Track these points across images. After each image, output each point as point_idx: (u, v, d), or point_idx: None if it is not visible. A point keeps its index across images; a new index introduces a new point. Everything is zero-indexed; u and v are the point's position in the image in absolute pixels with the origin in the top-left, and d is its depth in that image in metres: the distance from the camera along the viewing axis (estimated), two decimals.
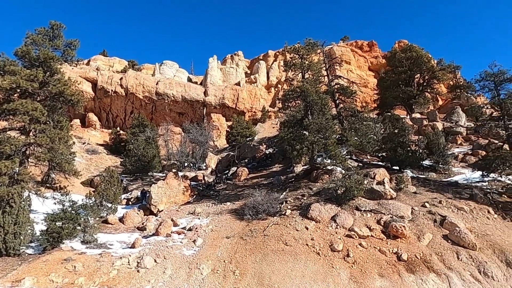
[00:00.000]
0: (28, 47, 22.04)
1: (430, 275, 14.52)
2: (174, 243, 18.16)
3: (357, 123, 28.96)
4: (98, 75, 54.35)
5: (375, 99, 53.50)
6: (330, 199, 20.41)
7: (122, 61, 69.00)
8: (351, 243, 16.75)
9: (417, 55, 45.85)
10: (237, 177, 29.74)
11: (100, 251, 17.60)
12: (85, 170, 33.47)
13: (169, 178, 26.16)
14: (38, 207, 21.78)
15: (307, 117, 24.95)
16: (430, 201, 20.12)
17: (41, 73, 21.52)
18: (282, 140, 25.41)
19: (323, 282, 14.57)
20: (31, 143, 21.26)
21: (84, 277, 15.07)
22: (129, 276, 15.34)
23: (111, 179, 25.81)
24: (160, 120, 51.03)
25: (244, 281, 15.01)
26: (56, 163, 22.58)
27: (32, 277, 14.85)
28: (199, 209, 23.15)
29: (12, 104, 20.18)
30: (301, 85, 25.24)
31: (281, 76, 61.27)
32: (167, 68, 63.16)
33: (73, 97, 23.13)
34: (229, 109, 54.84)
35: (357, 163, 27.31)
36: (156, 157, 34.60)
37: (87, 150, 42.16)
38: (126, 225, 22.04)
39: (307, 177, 25.47)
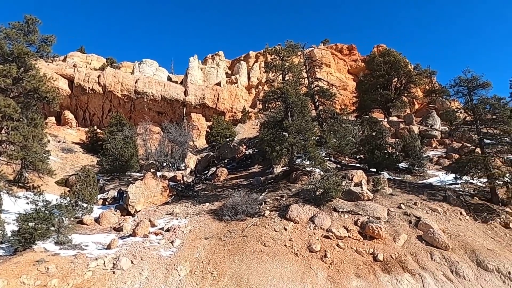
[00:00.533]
0: (1, 42, 21.34)
1: (404, 275, 14.84)
2: (151, 244, 17.92)
3: (336, 125, 29.37)
4: (75, 72, 53.10)
5: (354, 102, 54.38)
6: (308, 200, 20.59)
7: (100, 58, 67.61)
8: (329, 244, 16.94)
9: (395, 60, 46.89)
10: (217, 177, 29.62)
11: (74, 252, 17.17)
12: (60, 169, 32.63)
13: (147, 178, 25.79)
14: (10, 207, 21.07)
15: (287, 118, 25.10)
16: (406, 203, 20.58)
17: (15, 69, 20.86)
18: (262, 141, 25.47)
19: (301, 283, 14.68)
20: (3, 141, 20.58)
21: (57, 279, 14.66)
22: (105, 278, 15.02)
23: (87, 178, 25.22)
24: (139, 119, 50.28)
25: (222, 282, 14.96)
26: (30, 161, 21.94)
27: (2, 280, 14.33)
28: (177, 209, 22.93)
29: None
30: (281, 86, 25.37)
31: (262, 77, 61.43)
32: (146, 66, 62.28)
33: (48, 94, 22.53)
34: (209, 109, 54.57)
35: (335, 164, 27.67)
36: (134, 156, 34.03)
37: (63, 149, 41.10)
38: (102, 226, 21.58)
39: (286, 178, 25.61)
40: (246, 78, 63.95)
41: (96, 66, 62.29)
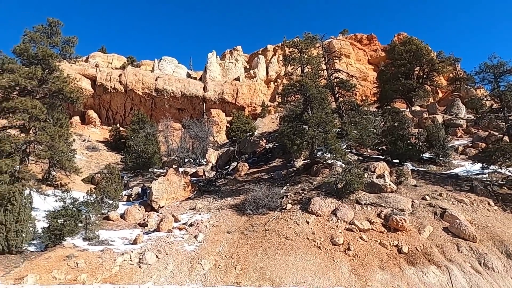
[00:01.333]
0: (26, 45, 21.98)
1: (430, 267, 14.59)
2: (175, 239, 18.23)
3: (357, 116, 28.95)
4: (97, 72, 54.22)
5: (375, 92, 53.42)
6: (330, 193, 20.46)
7: (121, 57, 68.77)
8: (352, 237, 16.82)
9: (416, 48, 45.71)
10: (238, 172, 29.78)
11: (102, 247, 17.68)
12: (86, 167, 33.51)
13: (170, 174, 26.19)
14: (40, 205, 21.84)
15: (307, 111, 24.93)
16: (431, 194, 20.16)
17: (40, 71, 21.47)
18: (282, 134, 25.41)
19: (324, 276, 14.65)
20: (31, 141, 21.28)
21: (86, 273, 15.15)
22: (131, 272, 15.42)
23: (111, 175, 25.83)
24: (159, 116, 50.95)
25: (246, 275, 15.09)
26: (57, 160, 22.61)
27: (35, 274, 14.92)
28: (200, 204, 23.21)
29: (11, 102, 20.17)
30: (300, 79, 25.19)
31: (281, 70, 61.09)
32: (166, 64, 62.96)
33: (72, 94, 23.10)
34: (229, 104, 54.75)
35: (357, 156, 27.34)
36: (157, 153, 34.60)
37: (88, 147, 42.17)
38: (127, 222, 22.11)
39: (308, 171, 25.50)
40: (265, 72, 63.75)
41: (117, 65, 63.40)
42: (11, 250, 17.02)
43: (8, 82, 20.11)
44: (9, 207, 17.36)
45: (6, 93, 21.40)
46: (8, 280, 14.81)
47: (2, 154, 19.42)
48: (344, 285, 14.11)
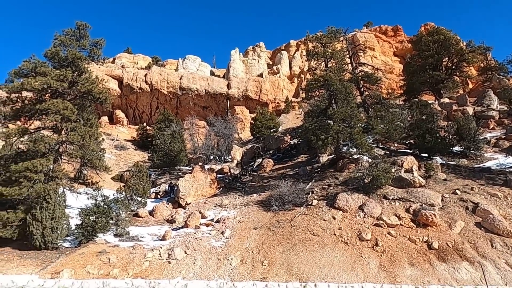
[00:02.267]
0: (57, 48, 22.75)
1: (462, 263, 14.21)
2: (203, 235, 18.52)
3: (383, 110, 28.38)
4: (123, 73, 55.49)
5: (401, 85, 52.12)
6: (357, 188, 20.21)
7: (146, 57, 70.08)
8: (380, 232, 16.59)
9: (444, 38, 44.22)
10: (263, 168, 29.86)
11: (132, 243, 18.18)
12: (115, 166, 34.45)
13: (196, 171, 26.57)
14: (73, 202, 22.65)
15: (331, 106, 24.68)
16: (462, 188, 19.57)
17: (70, 73, 22.22)
18: (306, 130, 25.26)
19: (352, 271, 14.53)
20: (64, 141, 22.07)
21: (118, 268, 15.64)
22: (161, 267, 15.79)
23: (139, 173, 26.47)
24: (185, 114, 51.67)
25: (273, 271, 15.17)
26: (88, 159, 23.41)
27: (70, 269, 15.53)
28: (226, 201, 23.45)
29: (44, 104, 20.97)
30: (324, 74, 24.95)
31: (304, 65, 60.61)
32: (190, 62, 63.70)
33: (100, 95, 23.79)
34: (253, 101, 54.86)
35: (384, 151, 26.85)
36: (182, 151, 35.16)
37: (116, 146, 43.32)
38: (156, 218, 22.61)
39: (333, 166, 25.28)
40: (288, 67, 63.43)
41: (142, 66, 64.66)
42: (47, 246, 17.77)
43: (40, 85, 20.89)
44: (44, 205, 18.12)
45: (39, 96, 22.28)
46: (46, 275, 15.49)
47: (37, 154, 20.24)
48: (372, 281, 13.95)
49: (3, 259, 17.22)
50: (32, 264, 16.59)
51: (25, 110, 22.38)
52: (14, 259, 17.20)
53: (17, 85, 21.72)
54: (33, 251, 17.68)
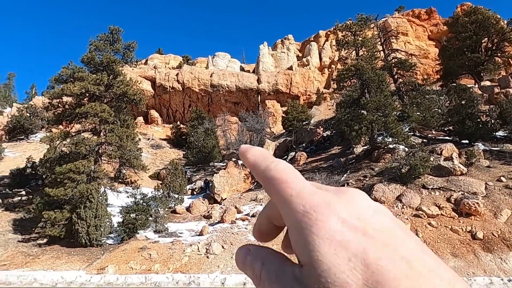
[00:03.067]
0: (92, 53, 23.65)
1: (510, 253, 13.56)
2: (239, 230, 18.74)
3: (419, 97, 27.40)
4: (156, 73, 56.80)
5: (438, 70, 50.06)
6: (393, 178, 19.70)
7: (177, 57, 71.33)
8: (420, 223, 16.12)
9: (483, 17, 41.92)
10: (296, 162, 29.72)
11: (171, 239, 18.70)
12: (152, 164, 35.42)
13: (230, 167, 26.87)
14: (114, 201, 23.54)
15: (364, 95, 24.14)
16: (507, 175, 18.59)
17: (106, 77, 23.07)
18: (339, 121, 24.87)
19: None
20: (103, 142, 22.99)
21: (159, 264, 16.15)
22: (200, 262, 16.16)
23: (175, 171, 27.11)
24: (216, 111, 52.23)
25: None
26: (126, 159, 24.26)
27: (114, 265, 16.22)
28: (260, 195, 23.58)
29: (83, 108, 21.93)
30: (355, 63, 24.43)
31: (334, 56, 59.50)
32: (219, 59, 64.24)
33: (135, 96, 24.54)
34: (283, 95, 54.59)
35: (421, 139, 25.96)
36: (216, 147, 35.64)
37: (152, 145, 44.54)
38: (193, 214, 23.11)
39: (368, 157, 24.76)
40: (318, 58, 62.54)
41: (173, 65, 65.89)
42: (92, 243, 18.64)
43: (79, 89, 21.84)
44: (88, 204, 18.99)
45: (78, 100, 23.30)
46: (92, 270, 16.25)
47: (78, 156, 21.20)
48: None
49: (53, 256, 18.25)
50: (79, 261, 17.47)
51: (66, 114, 23.51)
52: (63, 256, 18.17)
53: (58, 91, 22.85)
54: (79, 248, 18.61)
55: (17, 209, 23.86)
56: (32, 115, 44.24)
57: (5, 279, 15.83)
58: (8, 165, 31.25)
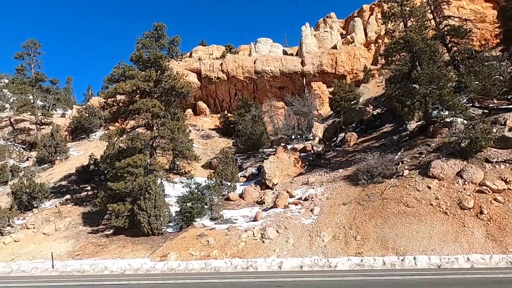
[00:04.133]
0: (140, 51, 24.55)
1: None
2: (292, 214, 18.83)
3: (477, 65, 25.44)
4: (200, 65, 57.81)
5: (497, 34, 46.03)
6: (452, 153, 18.64)
7: (219, 47, 71.97)
8: (484, 199, 15.20)
9: None
10: (346, 143, 29.08)
11: (227, 226, 19.24)
12: (203, 154, 36.36)
13: (279, 152, 26.91)
14: (170, 192, 24.57)
15: (415, 68, 22.87)
16: None
17: (154, 73, 23.90)
18: (389, 98, 23.84)
19: (455, 242, 13.62)
20: (156, 136, 23.97)
21: (217, 249, 16.72)
22: (256, 247, 16.49)
23: (226, 159, 27.67)
24: (262, 97, 52.23)
25: (367, 245, 14.89)
26: (179, 151, 25.18)
27: (175, 252, 17.03)
28: (312, 179, 23.43)
29: (136, 105, 22.97)
30: (404, 35, 23.15)
31: (380, 30, 56.80)
32: (261, 45, 63.89)
33: (183, 89, 25.23)
34: (329, 75, 53.30)
35: (481, 110, 24.23)
36: (264, 133, 35.78)
37: (202, 136, 45.69)
38: (246, 201, 23.53)
39: (423, 133, 23.59)
40: (363, 34, 60.10)
41: (217, 56, 66.62)
42: (154, 232, 19.69)
43: (130, 87, 22.85)
44: (147, 196, 20.03)
45: (130, 97, 24.41)
46: (155, 258, 17.21)
47: (135, 151, 22.32)
48: (479, 252, 12.94)
49: (119, 246, 19.54)
50: (143, 249, 18.55)
51: (120, 112, 24.76)
52: (128, 245, 19.39)
53: (111, 90, 24.09)
54: (142, 237, 19.75)
55: (84, 203, 25.75)
56: (91, 115, 47.11)
57: (79, 267, 17.25)
58: (74, 163, 33.68)
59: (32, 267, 18.02)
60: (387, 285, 9.21)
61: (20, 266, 18.28)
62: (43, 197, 25.74)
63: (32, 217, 23.95)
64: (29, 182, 25.70)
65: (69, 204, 25.78)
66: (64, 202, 26.03)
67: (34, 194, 25.14)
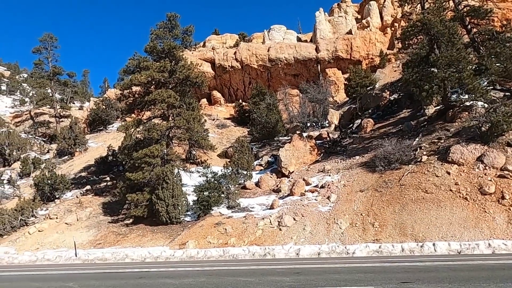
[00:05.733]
0: (154, 42, 24.65)
1: None
2: (309, 201, 18.81)
3: (498, 46, 24.60)
4: (214, 54, 57.69)
5: None
6: (472, 138, 18.23)
7: (233, 35, 71.58)
8: (506, 184, 14.87)
9: None
10: (363, 129, 28.74)
11: (244, 214, 19.37)
12: (219, 144, 36.53)
13: (295, 140, 26.81)
14: (187, 181, 24.84)
15: (433, 52, 22.31)
16: None
17: (168, 63, 23.99)
18: (407, 82, 23.37)
19: (475, 228, 13.41)
20: (172, 126, 24.18)
21: (234, 237, 16.89)
22: (273, 235, 16.59)
23: (242, 148, 27.73)
24: (277, 85, 51.92)
25: (385, 232, 14.80)
26: (195, 140, 25.38)
27: (193, 240, 17.29)
28: (328, 166, 23.30)
29: (151, 95, 23.17)
30: (421, 17, 22.54)
31: (397, 12, 55.50)
32: (275, 32, 63.25)
33: (197, 79, 25.27)
34: (344, 61, 52.50)
35: (503, 93, 23.53)
36: (279, 121, 35.65)
37: (217, 125, 45.84)
38: (262, 189, 23.61)
39: (442, 118, 23.09)
40: (379, 18, 58.80)
41: (230, 44, 66.34)
42: (172, 221, 20.01)
43: (145, 78, 23.02)
44: (164, 185, 20.30)
45: (145, 88, 24.62)
46: (174, 246, 17.51)
47: (152, 141, 22.59)
48: (501, 237, 12.72)
49: (139, 234, 19.94)
50: (162, 238, 18.89)
51: (136, 103, 25.02)
52: (147, 234, 19.77)
53: (127, 82, 24.30)
54: (161, 226, 20.09)
55: (104, 194, 26.31)
56: (108, 107, 47.78)
57: (101, 255, 17.71)
58: (93, 154, 34.34)
59: (56, 255, 18.60)
60: (407, 270, 9.14)
61: (45, 255, 18.90)
62: (64, 188, 26.40)
63: (55, 207, 24.62)
64: (51, 173, 26.37)
65: (90, 195, 26.38)
66: (85, 193, 26.66)
67: (56, 185, 25.81)
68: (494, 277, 7.38)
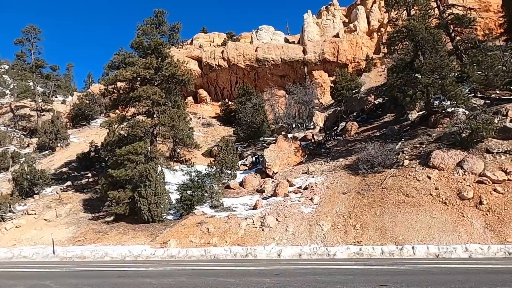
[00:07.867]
0: (140, 38, 24.36)
1: None
2: (292, 202, 18.89)
3: (480, 55, 25.21)
4: (201, 52, 57.37)
5: (501, 23, 45.47)
6: (453, 144, 18.61)
7: (221, 34, 71.31)
8: (484, 190, 15.22)
9: None
10: (347, 132, 29.03)
11: (227, 213, 19.33)
12: (204, 142, 36.36)
13: (280, 141, 26.89)
14: (170, 179, 24.61)
15: (418, 58, 22.68)
16: None
17: (154, 60, 23.72)
18: (391, 87, 23.71)
19: (453, 232, 13.70)
20: (156, 124, 23.93)
21: (217, 237, 16.83)
22: (255, 235, 16.60)
23: (227, 148, 27.66)
24: (263, 86, 51.99)
25: (366, 234, 14.98)
26: (179, 139, 25.19)
27: (175, 239, 17.16)
28: (312, 168, 23.45)
29: (136, 92, 22.88)
30: (407, 23, 22.89)
31: (383, 18, 56.24)
32: (263, 33, 63.30)
33: (183, 77, 25.07)
34: (330, 64, 52.92)
35: (483, 100, 24.11)
36: (265, 122, 35.72)
37: (203, 124, 45.63)
38: (246, 189, 23.60)
39: (424, 123, 23.52)
40: (366, 23, 59.49)
41: (218, 43, 66.08)
42: (154, 219, 19.80)
43: (131, 74, 22.73)
44: (147, 183, 20.08)
45: (130, 84, 24.31)
46: (156, 245, 17.34)
47: (135, 138, 22.31)
48: (478, 242, 13.01)
49: (120, 232, 19.69)
50: (143, 236, 18.69)
51: (121, 99, 24.69)
52: (129, 232, 19.54)
53: (112, 77, 23.98)
54: (143, 224, 19.87)
55: (85, 190, 25.88)
56: (91, 102, 46.99)
57: (80, 253, 17.41)
58: (75, 150, 33.72)
59: (33, 252, 18.19)
60: (386, 273, 9.28)
61: (21, 251, 18.46)
62: (44, 184, 25.85)
63: (33, 203, 24.08)
64: (30, 168, 25.78)
65: (70, 191, 25.89)
66: (65, 189, 26.15)
67: (35, 181, 25.25)
68: (469, 281, 7.55)
